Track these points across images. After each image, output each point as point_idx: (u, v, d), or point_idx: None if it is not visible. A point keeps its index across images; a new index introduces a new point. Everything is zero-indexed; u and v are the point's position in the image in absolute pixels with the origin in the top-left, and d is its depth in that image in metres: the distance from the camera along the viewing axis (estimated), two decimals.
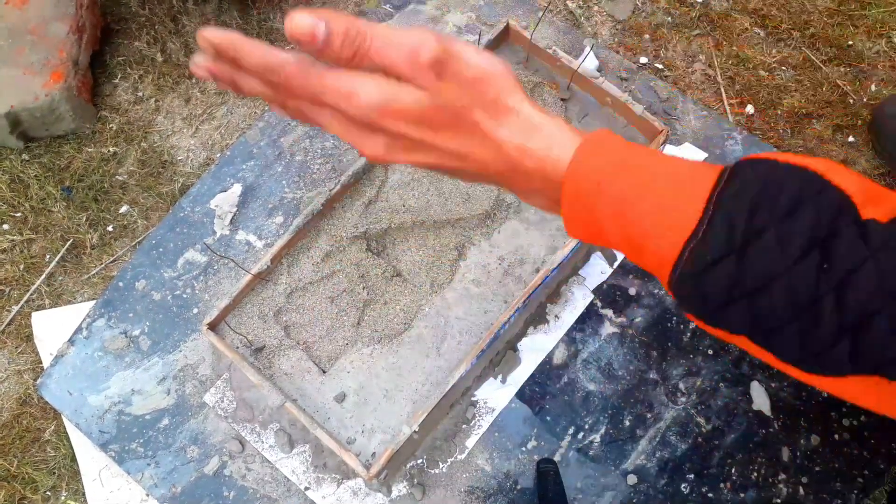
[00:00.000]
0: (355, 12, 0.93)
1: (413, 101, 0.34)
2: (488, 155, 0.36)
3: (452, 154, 0.36)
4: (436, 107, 0.34)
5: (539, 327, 0.72)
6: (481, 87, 0.35)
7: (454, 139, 0.35)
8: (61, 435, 0.76)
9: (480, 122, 0.35)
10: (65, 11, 0.91)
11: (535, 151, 0.36)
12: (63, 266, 0.85)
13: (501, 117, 0.36)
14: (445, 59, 0.34)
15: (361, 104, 0.33)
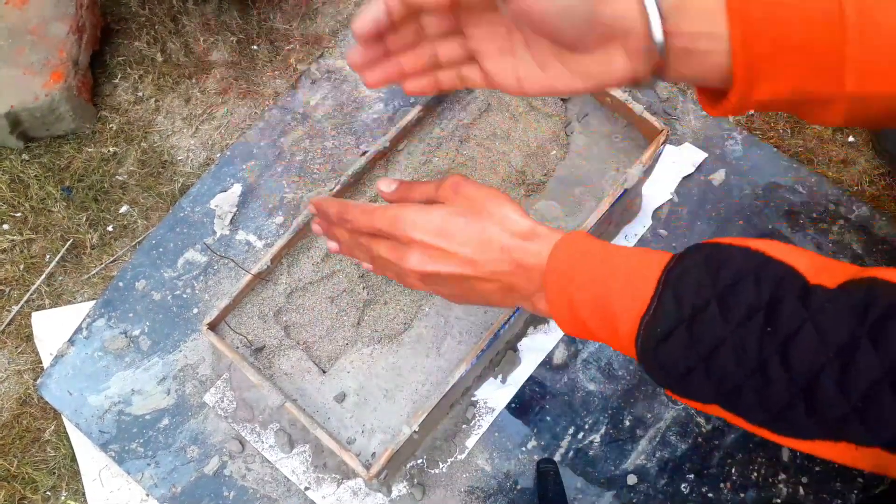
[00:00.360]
0: (355, 11, 0.93)
1: (439, 210, 0.45)
2: (495, 255, 0.43)
3: (467, 261, 0.44)
4: (454, 213, 0.44)
5: (539, 327, 0.72)
6: (484, 202, 0.45)
7: (467, 245, 0.44)
8: (61, 435, 0.76)
9: (486, 227, 0.44)
10: (65, 11, 0.91)
11: (530, 248, 0.43)
12: (63, 266, 0.85)
13: (501, 222, 0.44)
14: (462, 184, 0.46)
15: (406, 218, 0.44)
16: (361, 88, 0.82)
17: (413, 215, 0.44)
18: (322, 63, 0.83)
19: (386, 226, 0.45)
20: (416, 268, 0.45)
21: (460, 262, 0.44)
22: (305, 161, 0.79)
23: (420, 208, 0.45)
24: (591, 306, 0.40)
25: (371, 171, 0.69)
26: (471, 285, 0.45)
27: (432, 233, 0.44)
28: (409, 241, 0.44)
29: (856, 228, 0.77)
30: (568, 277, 0.41)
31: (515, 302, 0.46)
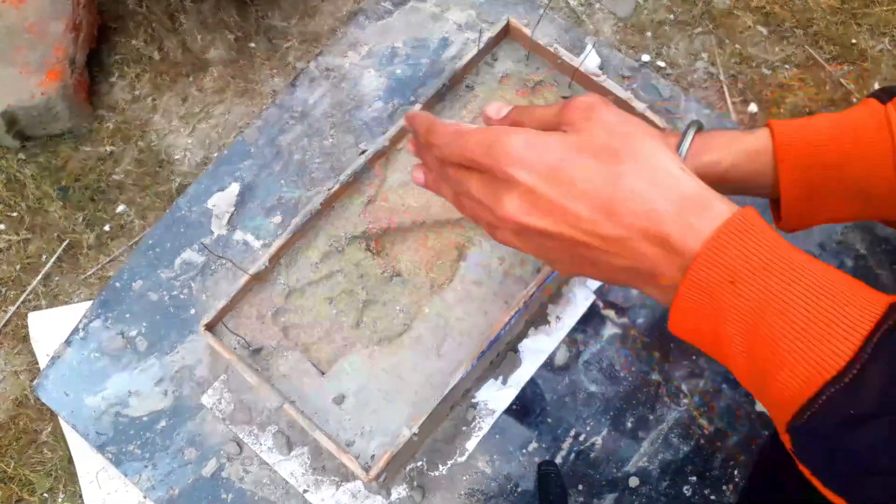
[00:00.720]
0: (354, 9, 0.92)
1: (558, 141, 0.32)
2: (630, 221, 0.31)
3: (586, 222, 0.31)
4: (579, 146, 0.32)
5: (540, 328, 0.71)
6: (628, 138, 0.32)
7: (591, 199, 0.31)
8: (58, 436, 0.75)
9: (626, 177, 0.31)
10: (62, 10, 0.90)
11: (692, 223, 0.30)
12: (59, 266, 0.84)
13: (651, 173, 0.31)
14: (598, 106, 0.33)
15: (508, 147, 0.32)
16: (360, 86, 0.82)
17: (518, 143, 0.32)
18: (321, 61, 0.82)
19: (481, 154, 0.33)
20: (513, 216, 0.33)
21: (576, 221, 0.31)
22: (304, 160, 0.78)
23: (530, 134, 0.32)
24: (746, 332, 0.29)
25: (370, 171, 0.68)
26: (585, 253, 0.33)
27: (542, 172, 0.31)
28: (508, 179, 0.32)
29: (860, 228, 0.76)
30: (728, 281, 0.29)
31: (639, 285, 0.34)
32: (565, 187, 0.31)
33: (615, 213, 0.31)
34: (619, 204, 0.31)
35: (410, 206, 0.67)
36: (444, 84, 0.68)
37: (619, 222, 0.31)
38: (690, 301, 0.31)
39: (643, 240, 0.31)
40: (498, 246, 0.68)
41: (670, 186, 0.31)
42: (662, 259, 0.31)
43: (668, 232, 0.30)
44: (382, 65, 0.82)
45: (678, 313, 0.32)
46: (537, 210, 0.32)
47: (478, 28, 0.82)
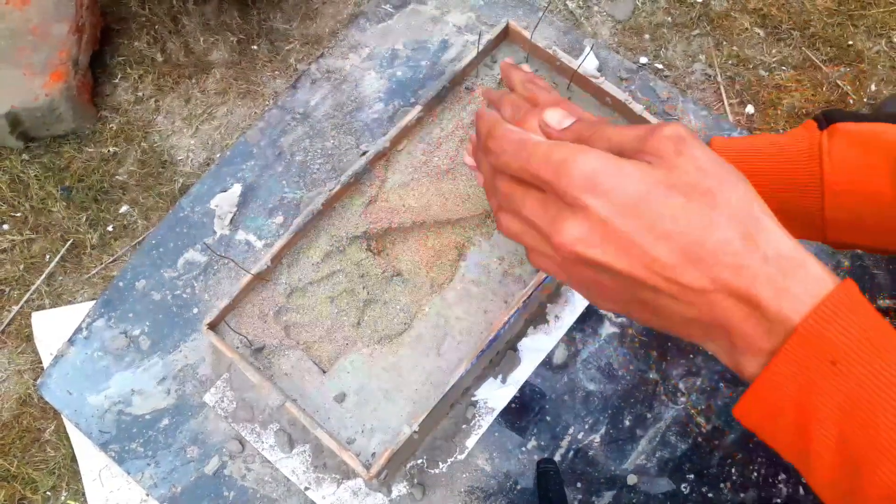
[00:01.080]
0: (354, 12, 0.93)
1: (644, 172, 0.28)
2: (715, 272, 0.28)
3: (661, 266, 0.28)
4: (667, 183, 0.28)
5: (539, 327, 0.72)
6: (722, 182, 0.28)
7: (673, 241, 0.28)
8: (61, 435, 0.76)
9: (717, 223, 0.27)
10: (65, 12, 0.91)
11: (789, 286, 0.27)
12: (63, 266, 0.85)
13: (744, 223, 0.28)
14: (689, 141, 0.29)
15: (583, 168, 0.28)
16: (361, 88, 0.82)
17: (596, 165, 0.28)
18: (322, 63, 0.83)
19: (547, 171, 0.29)
20: (572, 245, 0.29)
21: (652, 262, 0.28)
22: (305, 161, 0.79)
23: (609, 158, 0.29)
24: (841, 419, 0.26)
25: (371, 171, 0.69)
26: (649, 298, 0.29)
27: (621, 203, 0.28)
28: (575, 204, 0.29)
29: None
30: (829, 361, 0.26)
31: (702, 340, 0.30)
32: (646, 224, 0.28)
33: (702, 261, 0.27)
34: (707, 252, 0.27)
35: (411, 207, 0.68)
36: (443, 86, 0.69)
37: (705, 272, 0.27)
38: (779, 377, 0.27)
39: (728, 296, 0.28)
40: (497, 246, 0.69)
41: (766, 242, 0.28)
42: (746, 320, 0.28)
43: (759, 293, 0.27)
44: (383, 67, 0.83)
45: (761, 390, 0.28)
46: (606, 244, 0.28)
47: (477, 30, 0.83)
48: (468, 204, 0.69)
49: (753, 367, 0.29)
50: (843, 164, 0.45)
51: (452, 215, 0.68)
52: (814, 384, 0.27)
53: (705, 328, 0.29)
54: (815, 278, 0.28)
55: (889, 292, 0.74)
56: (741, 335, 0.28)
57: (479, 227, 0.69)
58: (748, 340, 0.28)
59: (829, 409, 0.26)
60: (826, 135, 0.46)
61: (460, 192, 0.69)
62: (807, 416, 0.27)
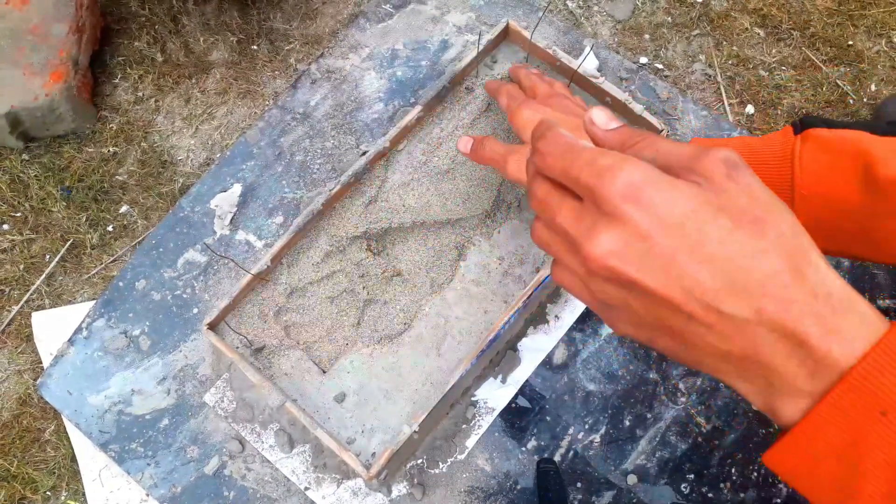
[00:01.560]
0: (354, 12, 0.93)
1: (692, 191, 0.26)
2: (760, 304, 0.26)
3: (701, 290, 0.26)
4: (716, 205, 0.26)
5: (539, 327, 0.72)
6: (772, 211, 0.27)
7: (717, 265, 0.26)
8: (61, 435, 0.76)
9: (766, 251, 0.26)
10: (65, 11, 0.91)
11: (839, 325, 0.26)
12: (63, 266, 0.85)
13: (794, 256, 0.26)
14: (742, 169, 0.28)
15: (628, 177, 0.26)
16: (361, 88, 0.82)
17: (641, 176, 0.27)
18: (322, 63, 0.83)
19: (588, 175, 0.28)
20: (604, 258, 0.27)
21: (692, 286, 0.26)
22: (305, 161, 0.79)
23: (658, 173, 0.27)
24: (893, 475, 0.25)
25: (371, 171, 0.69)
26: (681, 326, 0.27)
27: (664, 219, 0.26)
28: (614, 214, 0.27)
29: None
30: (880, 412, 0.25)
31: (733, 377, 0.29)
32: (691, 244, 0.26)
33: (747, 290, 0.26)
34: (754, 281, 0.25)
35: (411, 207, 0.68)
36: (443, 86, 0.69)
37: (750, 303, 0.26)
38: (823, 424, 0.25)
39: (771, 331, 0.26)
40: (497, 246, 0.69)
41: (815, 277, 0.26)
42: (789, 359, 0.26)
43: (808, 330, 0.25)
44: (383, 67, 0.83)
45: (801, 437, 0.26)
46: (643, 261, 0.26)
47: (477, 30, 0.83)
48: (468, 204, 0.69)
49: (792, 411, 0.27)
50: (813, 168, 0.45)
51: (452, 215, 0.68)
52: (862, 435, 0.25)
53: (740, 364, 0.27)
54: (866, 320, 0.26)
55: (889, 292, 0.74)
56: (781, 375, 0.26)
57: (479, 227, 0.69)
58: (788, 381, 0.26)
59: (879, 462, 0.25)
60: (799, 139, 0.47)
61: (460, 192, 0.69)
62: (852, 468, 0.25)
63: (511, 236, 0.69)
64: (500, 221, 0.70)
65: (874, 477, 0.25)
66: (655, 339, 0.30)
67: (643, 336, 0.30)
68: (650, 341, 0.30)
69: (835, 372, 0.25)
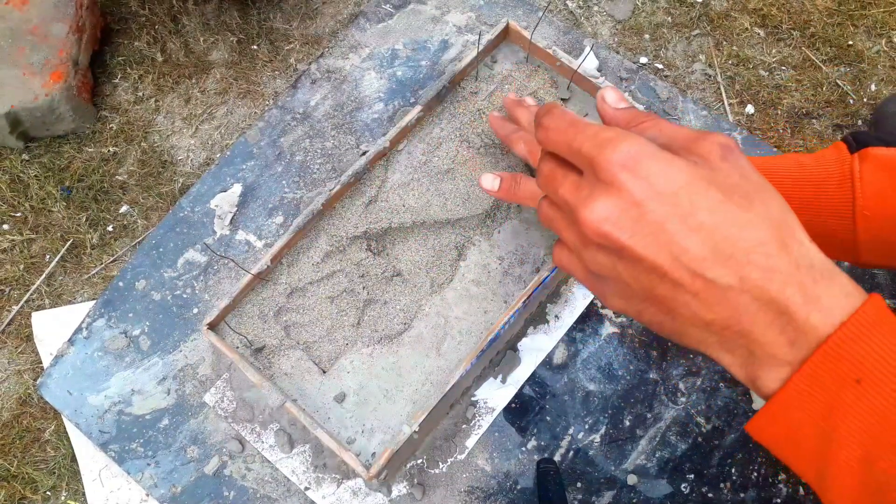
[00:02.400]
0: (354, 12, 0.93)
1: (686, 164, 0.28)
2: (744, 272, 0.27)
3: (689, 258, 0.27)
4: (709, 179, 0.27)
5: (539, 327, 0.72)
6: (762, 190, 0.28)
7: (705, 235, 0.27)
8: (61, 435, 0.76)
9: (754, 224, 0.27)
10: (65, 12, 0.91)
11: (820, 295, 0.26)
12: (63, 266, 0.85)
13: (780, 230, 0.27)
14: (736, 152, 0.29)
15: (627, 148, 0.28)
16: (361, 88, 0.82)
17: (639, 149, 0.28)
18: (322, 63, 0.83)
19: (590, 147, 0.29)
20: (598, 223, 0.28)
21: (680, 252, 0.27)
22: (305, 161, 0.79)
23: (655, 148, 0.28)
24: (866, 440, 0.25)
25: (371, 171, 0.69)
26: (667, 294, 0.28)
27: (658, 189, 0.27)
28: (612, 182, 0.28)
29: None
30: (854, 379, 0.25)
31: (714, 348, 0.29)
32: (681, 213, 0.27)
33: (732, 258, 0.26)
34: (740, 250, 0.26)
35: (410, 207, 0.68)
36: (443, 86, 0.69)
37: (734, 270, 0.26)
38: (801, 393, 0.26)
39: (754, 298, 0.26)
40: (497, 246, 0.69)
41: (798, 250, 0.27)
42: (770, 326, 0.27)
43: (789, 298, 0.26)
44: (383, 67, 0.83)
45: (781, 405, 0.27)
46: (635, 227, 0.27)
47: (477, 30, 0.83)
48: (468, 204, 0.69)
49: (772, 380, 0.27)
50: (875, 188, 0.44)
51: (452, 215, 0.68)
52: (838, 403, 0.26)
53: (722, 334, 0.28)
54: (845, 291, 0.27)
55: (889, 292, 0.74)
56: (762, 344, 0.27)
57: (479, 227, 0.69)
58: (769, 350, 0.27)
59: (853, 429, 0.25)
60: (857, 159, 0.46)
61: (460, 192, 0.69)
62: (827, 435, 0.26)
63: (511, 236, 0.69)
64: (500, 221, 0.70)
65: (847, 444, 0.25)
66: (643, 312, 0.30)
67: (632, 309, 0.31)
68: (638, 314, 0.31)
69: (813, 340, 0.26)
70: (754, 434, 0.30)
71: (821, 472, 0.27)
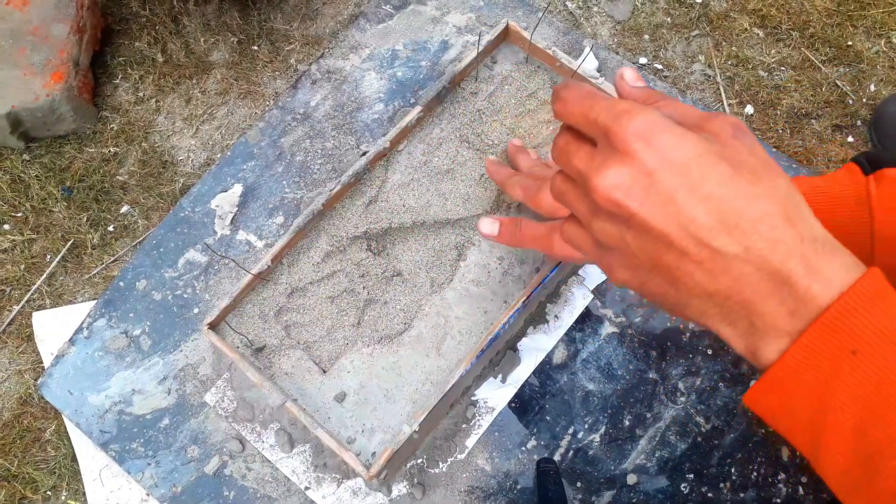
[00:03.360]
0: (355, 13, 0.93)
1: (698, 138, 0.28)
2: (749, 242, 0.27)
3: (695, 226, 0.27)
4: (719, 153, 0.28)
5: (539, 327, 0.72)
6: (768, 167, 0.29)
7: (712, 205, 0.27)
8: (62, 435, 0.76)
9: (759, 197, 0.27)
10: (66, 12, 0.91)
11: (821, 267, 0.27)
12: (64, 266, 0.85)
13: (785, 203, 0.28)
14: (745, 130, 0.30)
15: (642, 120, 0.28)
16: (362, 89, 0.83)
17: (654, 121, 0.28)
18: (322, 63, 0.83)
19: (606, 117, 0.29)
20: (609, 191, 0.29)
21: (687, 222, 0.27)
22: (306, 161, 0.79)
23: (670, 122, 0.29)
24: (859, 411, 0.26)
25: (371, 171, 0.69)
26: (673, 263, 0.29)
27: (670, 160, 0.28)
28: (626, 152, 0.28)
29: None
30: (850, 350, 0.26)
31: (714, 320, 0.30)
32: (691, 183, 0.27)
33: (738, 228, 0.27)
34: (746, 221, 0.27)
35: (411, 207, 0.68)
36: (443, 86, 0.69)
37: (739, 239, 0.27)
38: (799, 363, 0.27)
39: (757, 268, 0.27)
40: (497, 246, 0.69)
41: (803, 224, 0.28)
42: (772, 296, 0.27)
43: (792, 269, 0.27)
44: (383, 67, 0.83)
45: (778, 374, 0.27)
46: (645, 195, 0.28)
47: (477, 31, 0.83)
48: (468, 204, 0.69)
49: (772, 351, 0.28)
50: (893, 211, 0.44)
51: (452, 215, 0.68)
52: (833, 373, 0.26)
53: (724, 305, 0.28)
54: (847, 265, 0.28)
55: None
56: (762, 315, 0.28)
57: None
58: (770, 320, 0.28)
59: (847, 398, 0.26)
60: (873, 181, 0.45)
61: (460, 192, 0.69)
62: (823, 404, 0.27)
63: None
64: None
65: (842, 413, 0.26)
66: (647, 283, 0.31)
67: (637, 280, 0.31)
68: (642, 285, 0.31)
69: (814, 311, 0.27)
70: (751, 405, 0.30)
71: (815, 441, 0.27)
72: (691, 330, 0.73)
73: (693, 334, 0.73)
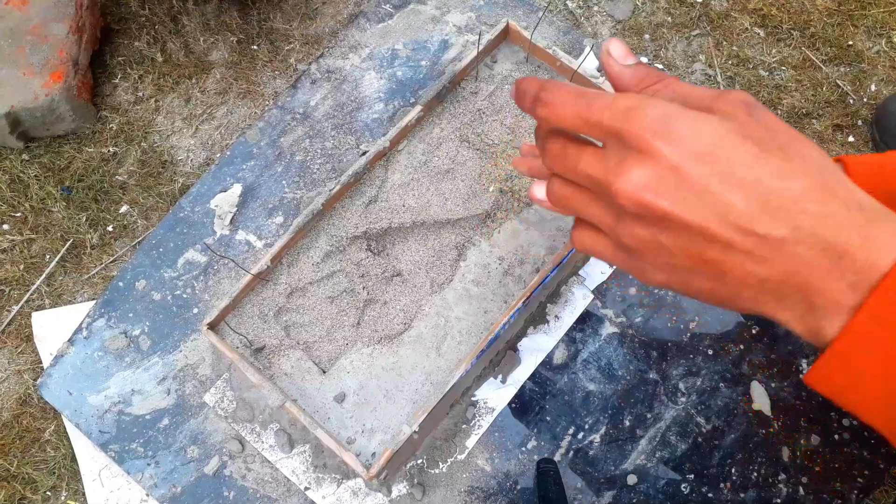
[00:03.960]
0: (354, 12, 0.93)
1: (716, 121, 0.26)
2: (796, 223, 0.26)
3: (735, 215, 0.26)
4: (742, 133, 0.26)
5: (539, 327, 0.72)
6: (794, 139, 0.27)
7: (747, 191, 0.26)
8: (61, 435, 0.76)
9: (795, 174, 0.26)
10: (65, 12, 0.91)
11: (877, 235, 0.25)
12: (63, 266, 0.85)
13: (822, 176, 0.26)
14: (758, 106, 0.28)
15: (655, 113, 0.26)
16: (361, 88, 0.82)
17: (667, 112, 0.26)
18: (322, 63, 0.83)
19: (612, 117, 0.27)
20: (636, 192, 0.27)
21: (726, 211, 0.26)
22: (305, 161, 0.79)
23: (682, 108, 0.27)
24: None
25: (371, 171, 0.69)
26: (717, 257, 0.27)
27: (694, 150, 0.26)
28: (645, 150, 0.26)
29: None
30: None
31: (772, 308, 0.28)
32: (721, 171, 0.25)
33: (781, 209, 0.25)
34: (787, 200, 0.25)
35: (411, 207, 0.68)
36: (443, 86, 0.69)
37: (786, 221, 0.25)
38: (864, 334, 0.25)
39: (810, 247, 0.25)
40: (497, 246, 0.69)
41: (846, 193, 0.26)
42: (830, 273, 0.25)
43: (847, 241, 0.25)
44: (383, 67, 0.83)
45: (843, 349, 0.26)
46: (676, 192, 0.26)
47: (477, 31, 0.83)
48: (468, 204, 0.69)
49: (836, 328, 0.26)
50: None
51: (452, 215, 0.68)
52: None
53: (779, 290, 0.27)
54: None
55: None
56: (822, 293, 0.26)
57: (478, 227, 0.69)
58: (830, 297, 0.26)
59: None
60: None
61: (460, 192, 0.69)
62: (891, 380, 0.25)
63: (511, 236, 0.69)
64: (500, 221, 0.70)
65: None
66: (690, 282, 0.29)
67: (676, 281, 0.29)
68: (684, 285, 0.29)
69: (875, 279, 0.25)
70: (814, 385, 0.28)
71: (891, 416, 0.26)
72: (692, 330, 0.73)
73: (693, 334, 0.73)
